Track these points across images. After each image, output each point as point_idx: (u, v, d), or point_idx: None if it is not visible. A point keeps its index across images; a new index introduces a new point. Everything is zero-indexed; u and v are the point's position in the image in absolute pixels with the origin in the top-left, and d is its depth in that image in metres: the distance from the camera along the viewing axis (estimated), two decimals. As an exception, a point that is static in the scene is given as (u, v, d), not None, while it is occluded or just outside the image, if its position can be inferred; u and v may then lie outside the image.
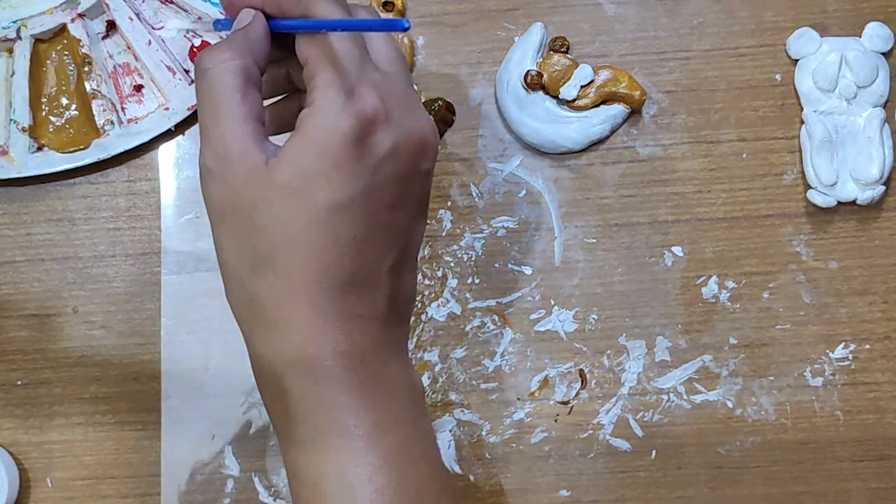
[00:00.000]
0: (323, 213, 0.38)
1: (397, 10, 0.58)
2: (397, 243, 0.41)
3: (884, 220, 0.57)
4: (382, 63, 0.41)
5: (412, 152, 0.40)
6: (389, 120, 0.39)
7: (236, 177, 0.39)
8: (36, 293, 0.58)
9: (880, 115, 0.56)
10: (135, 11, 0.58)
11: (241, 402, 0.57)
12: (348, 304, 0.39)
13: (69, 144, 0.58)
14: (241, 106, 0.40)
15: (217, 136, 0.39)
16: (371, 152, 0.39)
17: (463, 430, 0.56)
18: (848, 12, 0.58)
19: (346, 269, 0.39)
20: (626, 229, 0.57)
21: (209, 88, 0.40)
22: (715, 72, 0.58)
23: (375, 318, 0.40)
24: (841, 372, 0.56)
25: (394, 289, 0.41)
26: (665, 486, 0.56)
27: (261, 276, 0.39)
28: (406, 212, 0.41)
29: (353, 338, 0.40)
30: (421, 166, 0.41)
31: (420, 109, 0.41)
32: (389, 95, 0.39)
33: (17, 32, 0.58)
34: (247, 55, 0.40)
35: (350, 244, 0.39)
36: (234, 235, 0.40)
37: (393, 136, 0.39)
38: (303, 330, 0.39)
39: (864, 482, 0.56)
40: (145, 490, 0.57)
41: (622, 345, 0.57)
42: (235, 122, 0.39)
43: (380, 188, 0.39)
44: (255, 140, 0.39)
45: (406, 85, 0.41)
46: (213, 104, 0.40)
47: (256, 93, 0.41)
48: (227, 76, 0.40)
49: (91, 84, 0.58)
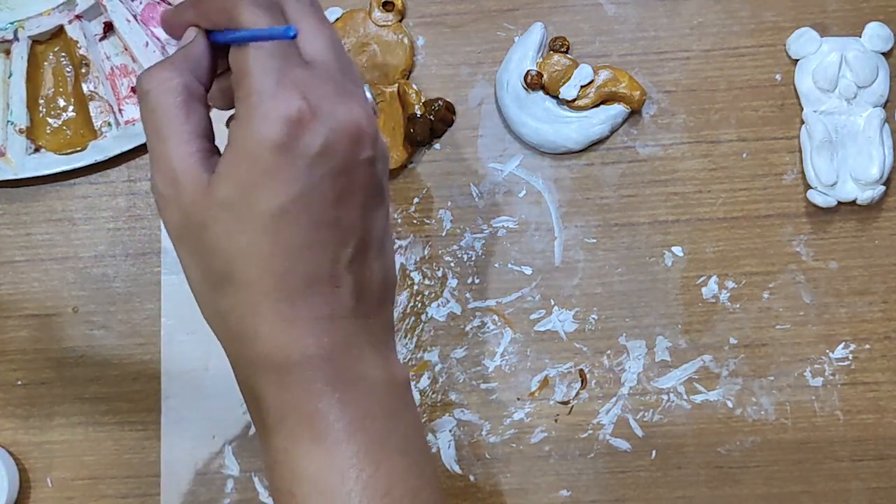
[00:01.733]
0: (266, 222, 0.38)
1: (397, 10, 0.58)
2: (352, 236, 0.40)
3: (884, 220, 0.57)
4: (311, 54, 0.40)
5: (346, 144, 0.39)
6: (316, 116, 0.38)
7: (184, 198, 0.39)
8: (36, 293, 0.58)
9: (880, 115, 0.56)
10: (132, 13, 0.58)
11: (241, 402, 0.56)
12: (312, 307, 0.39)
13: (66, 146, 0.58)
14: (185, 125, 0.40)
15: (164, 159, 0.40)
16: (302, 153, 0.38)
17: (463, 430, 0.57)
18: (848, 12, 0.58)
19: (300, 272, 0.39)
20: (626, 229, 0.57)
21: (152, 111, 0.40)
22: (715, 72, 0.58)
23: (343, 315, 0.40)
24: (841, 372, 0.56)
25: (358, 282, 0.40)
26: (665, 486, 0.56)
27: (222, 293, 0.40)
28: (355, 203, 0.40)
29: (321, 339, 0.39)
30: (359, 155, 0.40)
31: (352, 97, 0.40)
32: (314, 90, 0.38)
33: (15, 34, 0.58)
34: (186, 72, 0.40)
35: (299, 247, 0.39)
36: (191, 256, 0.40)
37: (322, 131, 0.38)
38: (270, 339, 0.39)
39: (863, 482, 0.56)
40: (145, 490, 0.57)
41: (622, 345, 0.57)
42: (180, 143, 0.39)
43: (318, 186, 0.38)
44: (198, 159, 0.40)
45: (337, 74, 0.40)
46: (156, 126, 0.40)
47: (201, 108, 0.41)
48: (167, 96, 0.40)
49: (88, 85, 0.58)
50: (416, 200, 0.58)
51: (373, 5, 0.58)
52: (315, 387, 0.39)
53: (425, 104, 0.57)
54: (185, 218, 0.40)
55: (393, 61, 0.58)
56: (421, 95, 0.57)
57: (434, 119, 0.57)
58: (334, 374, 0.40)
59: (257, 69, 0.38)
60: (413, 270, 0.57)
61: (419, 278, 0.57)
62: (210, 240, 0.39)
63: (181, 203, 0.40)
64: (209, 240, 0.39)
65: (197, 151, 0.40)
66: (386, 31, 0.58)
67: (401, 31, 0.58)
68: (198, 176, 0.39)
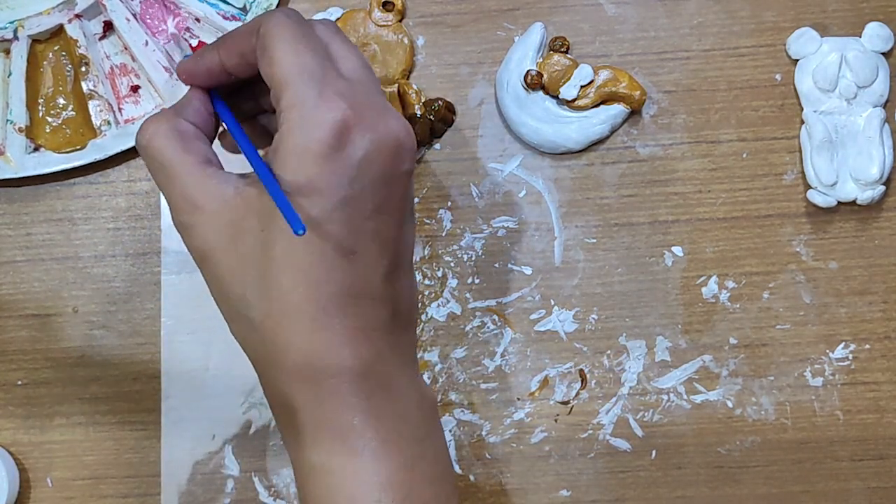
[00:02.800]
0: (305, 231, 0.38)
1: (397, 10, 0.58)
2: (388, 249, 0.40)
3: (884, 220, 0.57)
4: (346, 72, 0.41)
5: (388, 154, 0.39)
6: (361, 123, 0.38)
7: (210, 218, 0.40)
8: (36, 293, 0.58)
9: (880, 115, 0.56)
10: (132, 12, 0.58)
11: (241, 402, 0.57)
12: (348, 318, 0.39)
13: (66, 145, 0.58)
14: (186, 156, 0.41)
15: (177, 194, 0.40)
16: (346, 161, 0.38)
17: (463, 430, 0.57)
18: (848, 12, 0.58)
19: (339, 282, 0.39)
20: (626, 229, 0.57)
21: (153, 157, 0.41)
22: (715, 72, 0.58)
23: (378, 328, 0.40)
24: (841, 372, 0.56)
25: (393, 297, 0.41)
26: (665, 486, 0.56)
27: (255, 304, 0.39)
28: (392, 216, 0.40)
29: (359, 351, 0.39)
30: (400, 168, 0.40)
31: (391, 112, 0.40)
32: (357, 101, 0.39)
33: (14, 33, 0.58)
34: (173, 117, 0.42)
35: (338, 257, 0.38)
36: (219, 270, 0.40)
37: (365, 140, 0.38)
38: (305, 349, 0.39)
39: (863, 482, 0.56)
40: (145, 490, 0.57)
41: (622, 345, 0.57)
42: (187, 174, 0.40)
43: (360, 196, 0.39)
44: (213, 179, 0.40)
45: (374, 91, 0.41)
46: (160, 168, 0.41)
47: (199, 143, 0.41)
48: (160, 140, 0.41)
49: (88, 84, 0.58)
50: (416, 200, 0.58)
51: (373, 5, 0.58)
52: (351, 400, 0.39)
53: (425, 104, 0.57)
54: (214, 236, 0.40)
55: (393, 61, 0.58)
56: (421, 95, 0.57)
57: (434, 119, 0.57)
58: (369, 388, 0.39)
59: (299, 81, 0.38)
60: (413, 270, 0.57)
61: (419, 278, 0.57)
62: (243, 250, 0.39)
63: (207, 224, 0.40)
64: (242, 250, 0.39)
65: (208, 175, 0.40)
66: (386, 31, 0.58)
67: (401, 31, 0.58)
68: (219, 193, 0.40)
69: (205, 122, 0.43)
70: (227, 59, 0.42)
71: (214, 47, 0.43)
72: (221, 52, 0.42)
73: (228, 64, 0.42)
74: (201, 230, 0.40)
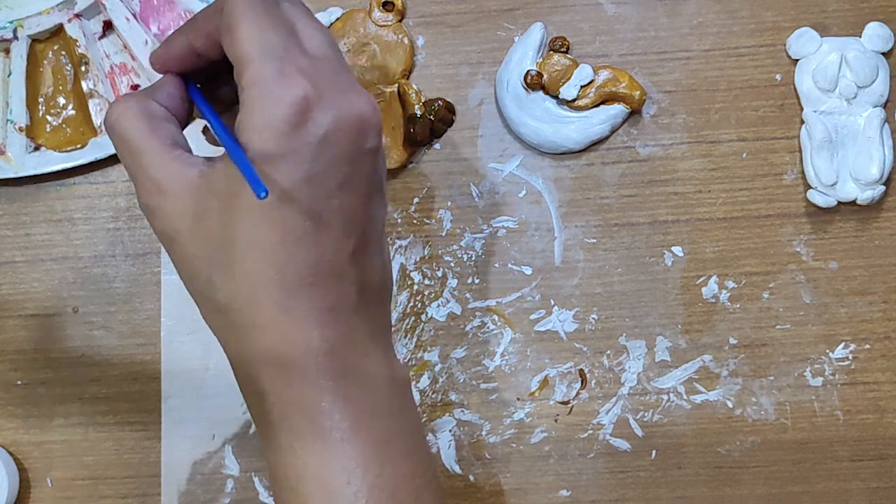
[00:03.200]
0: (267, 209, 0.37)
1: (397, 10, 0.58)
2: (355, 228, 0.39)
3: (884, 220, 0.57)
4: (311, 49, 0.40)
5: (352, 132, 0.38)
6: (321, 101, 0.38)
7: (174, 200, 0.39)
8: (36, 293, 0.58)
9: (880, 115, 0.56)
10: (131, 11, 0.58)
11: (241, 402, 0.57)
12: (314, 298, 0.39)
13: (66, 144, 0.58)
14: (152, 138, 0.40)
15: (142, 174, 0.40)
16: (307, 138, 0.37)
17: (463, 430, 0.57)
18: (848, 12, 0.58)
19: (303, 262, 0.38)
20: (626, 229, 0.57)
21: (119, 135, 0.41)
22: (715, 72, 0.58)
23: (346, 308, 0.39)
24: (841, 372, 0.56)
25: (360, 276, 0.40)
26: (665, 486, 0.56)
27: (220, 286, 0.39)
28: (357, 193, 0.39)
29: (325, 332, 0.39)
30: (364, 145, 0.39)
31: (356, 90, 0.39)
32: (319, 78, 0.38)
33: (14, 33, 0.58)
34: (143, 98, 0.41)
35: (302, 236, 0.38)
36: (186, 253, 0.40)
37: (327, 117, 0.38)
38: (271, 331, 0.38)
39: (863, 482, 0.56)
40: (145, 490, 0.57)
41: (622, 345, 0.57)
42: (152, 154, 0.40)
43: (322, 174, 0.38)
44: (178, 161, 0.40)
45: (338, 68, 0.40)
46: (126, 148, 0.40)
47: (167, 125, 0.41)
48: (128, 119, 0.40)
49: (88, 84, 0.58)
50: (416, 200, 0.58)
51: (373, 5, 0.58)
52: (319, 382, 0.39)
53: (425, 104, 0.57)
54: (177, 218, 0.40)
55: (393, 61, 0.58)
56: (421, 95, 0.57)
57: (434, 119, 0.57)
58: (338, 369, 0.39)
59: (260, 57, 0.38)
60: (413, 270, 0.57)
61: (419, 278, 0.57)
62: (206, 231, 0.39)
63: (171, 206, 0.40)
64: (205, 231, 0.39)
65: (173, 157, 0.40)
66: (386, 31, 0.58)
67: (401, 31, 0.58)
68: (183, 174, 0.40)
69: (176, 106, 0.42)
70: (195, 40, 0.42)
71: (183, 31, 0.42)
72: (189, 35, 0.42)
73: (197, 45, 0.42)
74: (165, 213, 0.40)
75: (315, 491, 0.39)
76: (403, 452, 0.40)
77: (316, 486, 0.39)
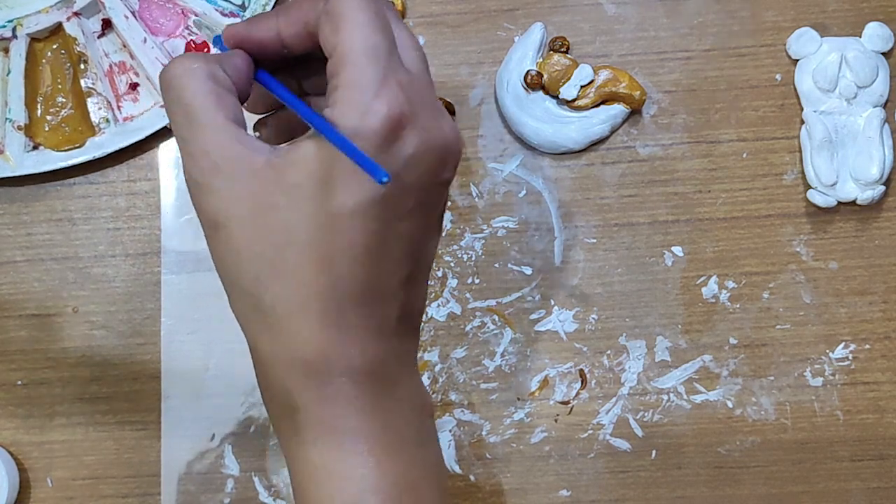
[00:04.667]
0: (337, 220, 0.36)
1: (397, 10, 0.58)
2: (412, 255, 0.38)
3: (884, 220, 0.57)
4: (408, 63, 0.38)
5: (434, 160, 0.37)
6: (415, 123, 0.36)
7: (233, 184, 0.37)
8: (36, 293, 0.58)
9: (880, 115, 0.56)
10: (130, 10, 0.58)
11: (241, 402, 0.57)
12: (361, 316, 0.37)
13: (65, 143, 0.58)
14: (218, 110, 0.37)
15: (199, 147, 0.37)
16: (393, 157, 0.36)
17: (463, 430, 0.57)
18: (848, 12, 0.58)
19: (359, 279, 0.37)
20: (626, 229, 0.57)
21: (179, 98, 0.37)
22: (715, 72, 0.58)
23: (388, 331, 0.39)
24: (841, 372, 0.56)
25: (407, 302, 0.39)
26: (665, 486, 0.56)
27: (266, 285, 0.37)
28: (423, 222, 0.38)
29: (368, 352, 0.38)
30: (441, 176, 0.38)
31: (445, 116, 0.38)
32: (415, 97, 0.36)
33: (13, 31, 0.58)
34: (213, 63, 0.38)
35: (364, 253, 0.37)
36: (233, 244, 0.37)
37: (416, 141, 0.36)
38: (313, 343, 0.37)
39: (864, 482, 0.56)
40: (145, 490, 0.57)
41: (622, 345, 0.57)
42: (216, 129, 0.37)
43: (398, 196, 0.37)
44: (243, 143, 0.37)
45: (430, 88, 0.38)
46: (186, 113, 0.37)
47: (232, 98, 0.38)
48: (195, 82, 0.37)
49: (87, 82, 0.58)
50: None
51: (373, 5, 0.58)
52: (356, 403, 0.38)
53: (425, 104, 0.57)
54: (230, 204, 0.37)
55: (393, 61, 0.58)
56: (421, 95, 0.57)
57: (434, 119, 0.57)
58: (375, 390, 0.38)
59: (365, 59, 0.36)
60: (413, 270, 0.57)
61: (419, 278, 0.57)
62: (264, 226, 0.37)
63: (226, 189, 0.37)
64: (263, 226, 0.37)
65: (238, 137, 0.37)
66: (386, 31, 0.58)
67: (401, 30, 0.58)
68: (249, 159, 0.37)
69: (243, 83, 0.39)
70: (286, 27, 0.39)
71: (273, 14, 0.39)
72: (281, 19, 0.39)
73: (286, 33, 0.39)
74: (220, 195, 0.37)
75: None
76: (427, 484, 0.40)
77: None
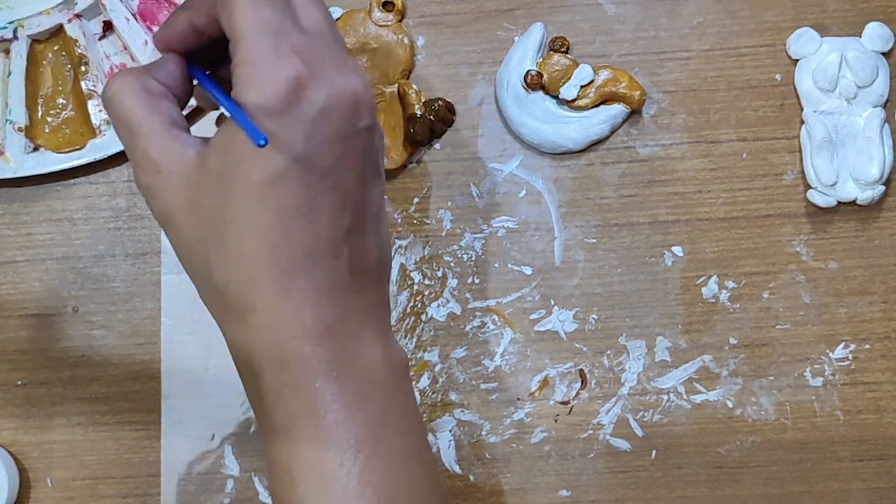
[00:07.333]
0: (261, 189, 0.37)
1: (397, 10, 0.58)
2: (349, 206, 0.39)
3: (884, 220, 0.57)
4: (306, 24, 0.39)
5: (345, 110, 0.38)
6: (314, 80, 0.38)
7: (171, 180, 0.39)
8: (36, 293, 0.58)
9: (880, 115, 0.56)
10: (131, 11, 0.58)
11: (241, 402, 0.57)
12: (309, 278, 0.38)
13: (65, 144, 0.58)
14: (152, 117, 0.40)
15: (140, 153, 0.40)
16: (300, 117, 0.37)
17: (463, 430, 0.57)
18: (848, 12, 0.58)
19: (298, 242, 0.38)
20: (626, 229, 0.57)
21: (117, 113, 0.40)
22: (715, 72, 0.58)
23: (341, 288, 0.39)
24: (841, 372, 0.56)
25: (355, 255, 0.40)
26: (665, 486, 0.56)
27: (217, 267, 0.39)
28: (352, 172, 0.39)
29: (319, 313, 0.39)
30: (357, 123, 0.39)
31: (349, 67, 0.39)
32: (314, 55, 0.38)
33: (14, 33, 0.58)
34: (143, 74, 0.41)
35: (296, 215, 0.38)
36: (181, 233, 0.40)
37: (320, 95, 0.38)
38: (265, 311, 0.38)
39: (864, 482, 0.56)
40: (145, 490, 0.57)
41: (622, 345, 0.57)
42: (150, 134, 0.40)
43: (315, 153, 0.38)
44: (176, 141, 0.40)
45: (333, 45, 0.40)
46: (125, 126, 0.40)
47: (167, 103, 0.41)
48: (126, 96, 0.40)
49: (87, 84, 0.58)
50: (416, 200, 0.58)
51: (373, 5, 0.58)
52: (313, 363, 0.39)
53: (425, 104, 0.57)
54: (174, 198, 0.39)
55: (393, 61, 0.58)
56: (421, 95, 0.57)
57: (434, 119, 0.57)
58: (332, 350, 0.39)
59: (254, 34, 0.38)
60: (413, 270, 0.57)
61: (419, 278, 0.57)
62: (201, 212, 0.39)
63: (168, 186, 0.40)
64: (201, 212, 0.39)
65: (172, 137, 0.40)
66: (386, 31, 0.58)
67: (401, 31, 0.58)
68: (181, 155, 0.39)
69: (176, 84, 0.42)
70: (194, 17, 0.41)
71: (183, 8, 0.42)
72: (189, 12, 0.41)
73: (197, 22, 0.41)
74: (163, 192, 0.40)
75: (308, 473, 0.39)
76: (397, 433, 0.40)
77: (309, 468, 0.39)
